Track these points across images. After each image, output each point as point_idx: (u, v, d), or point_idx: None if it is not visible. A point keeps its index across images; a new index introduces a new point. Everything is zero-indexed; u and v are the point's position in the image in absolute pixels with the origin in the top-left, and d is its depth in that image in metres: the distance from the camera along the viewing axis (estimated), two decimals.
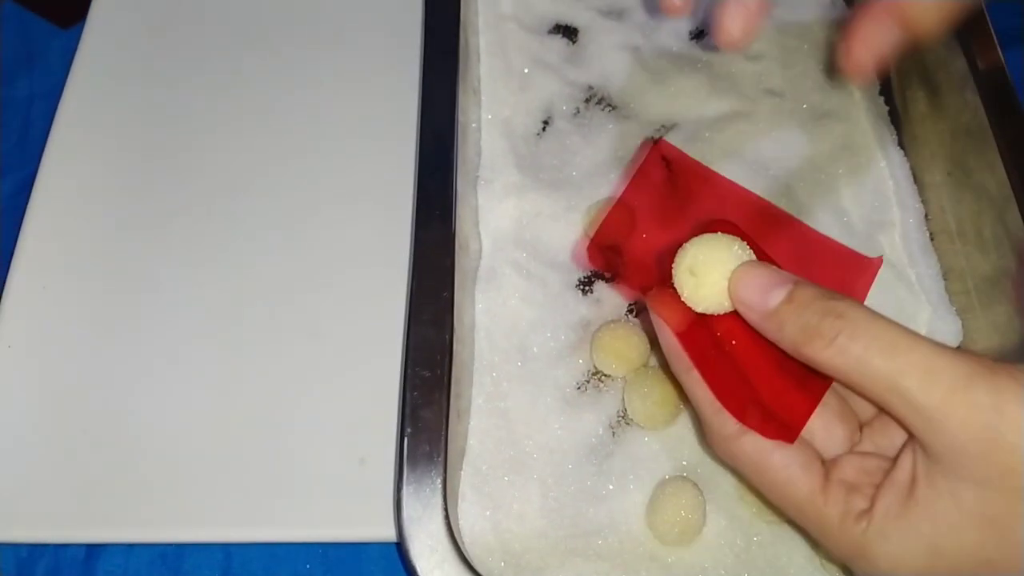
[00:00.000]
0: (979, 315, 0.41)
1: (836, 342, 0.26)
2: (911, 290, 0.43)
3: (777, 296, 0.28)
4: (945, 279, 0.43)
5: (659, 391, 0.39)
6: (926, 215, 0.45)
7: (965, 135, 0.42)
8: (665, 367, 0.39)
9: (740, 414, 0.30)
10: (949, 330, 0.42)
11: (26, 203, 0.47)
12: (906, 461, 0.27)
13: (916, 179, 0.46)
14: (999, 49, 0.42)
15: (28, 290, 0.45)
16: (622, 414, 0.40)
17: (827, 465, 0.29)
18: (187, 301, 0.45)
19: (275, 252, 0.46)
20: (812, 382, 0.30)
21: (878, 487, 0.28)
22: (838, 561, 0.30)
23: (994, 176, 0.40)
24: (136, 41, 0.53)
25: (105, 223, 0.47)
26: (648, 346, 0.41)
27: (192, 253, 0.46)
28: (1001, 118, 0.40)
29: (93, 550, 0.41)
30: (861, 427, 0.31)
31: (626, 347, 0.40)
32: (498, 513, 0.38)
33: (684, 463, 0.39)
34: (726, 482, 0.38)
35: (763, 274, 0.29)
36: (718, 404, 0.30)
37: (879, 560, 0.27)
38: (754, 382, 0.31)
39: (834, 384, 0.30)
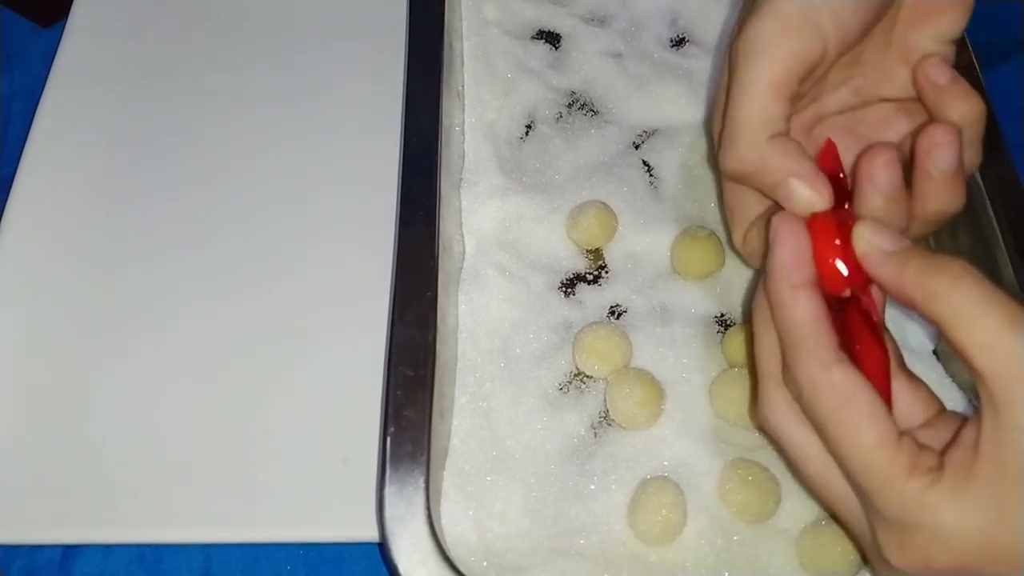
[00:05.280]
0: None
1: (965, 279, 0.27)
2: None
3: (905, 241, 0.30)
4: None
5: (641, 392, 0.39)
6: None
7: None
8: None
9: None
10: (924, 333, 0.43)
11: (5, 202, 0.47)
12: (971, 428, 0.28)
13: None
14: (973, 57, 0.43)
15: (7, 288, 0.45)
16: (604, 414, 0.41)
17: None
18: (168, 300, 0.45)
19: (258, 252, 0.46)
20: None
21: (945, 448, 0.28)
22: (892, 517, 0.29)
23: (969, 181, 0.41)
24: (117, 41, 0.53)
25: (85, 222, 0.47)
26: (630, 347, 0.41)
27: (173, 253, 0.46)
28: None
29: (69, 551, 0.41)
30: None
31: (608, 348, 0.40)
32: (480, 512, 0.38)
33: (665, 463, 0.39)
34: (707, 482, 0.39)
35: (890, 229, 0.30)
36: (820, 327, 0.30)
37: (944, 516, 0.27)
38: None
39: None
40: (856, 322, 0.31)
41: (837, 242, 0.31)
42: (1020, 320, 0.26)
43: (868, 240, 0.30)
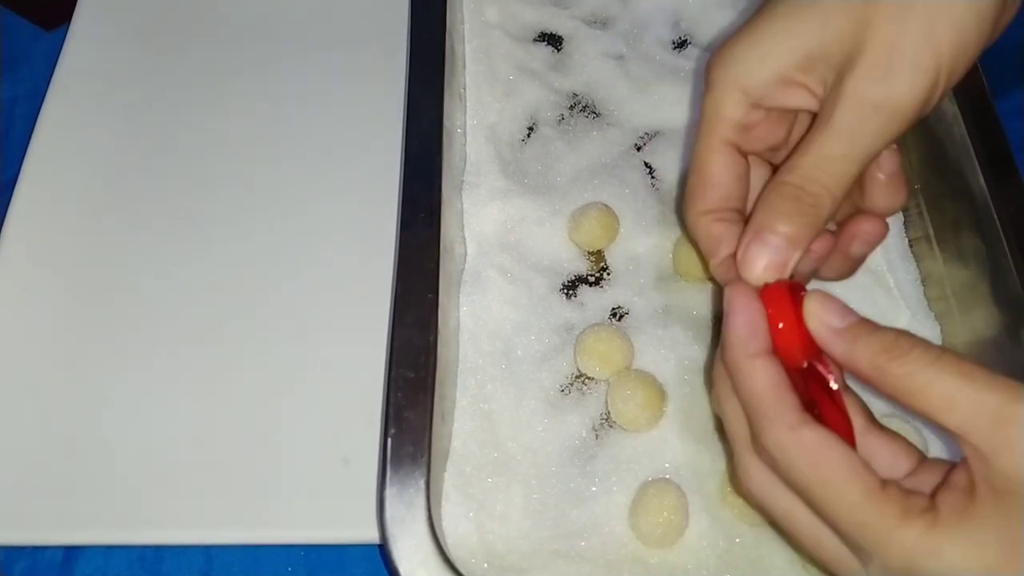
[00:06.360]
0: (957, 320, 0.42)
1: (913, 352, 0.27)
2: (890, 296, 0.44)
3: (852, 317, 0.29)
4: (924, 285, 0.44)
5: (642, 394, 0.39)
6: (905, 222, 0.45)
7: (945, 143, 0.43)
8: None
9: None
10: (927, 335, 0.42)
11: (7, 206, 0.47)
12: (961, 471, 0.27)
13: None
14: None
15: (9, 291, 0.45)
16: (605, 416, 0.41)
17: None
18: (169, 302, 0.45)
19: (259, 254, 0.46)
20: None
21: (935, 491, 0.28)
22: (895, 567, 0.28)
23: (972, 184, 0.41)
24: (120, 44, 0.53)
25: (86, 225, 0.47)
26: (632, 349, 0.41)
27: (174, 255, 0.46)
28: (980, 127, 0.41)
29: (71, 552, 0.41)
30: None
31: (610, 350, 0.40)
32: (481, 514, 0.38)
33: (667, 465, 0.39)
34: (709, 484, 0.39)
35: (838, 302, 0.30)
36: (781, 391, 0.30)
37: (950, 557, 0.26)
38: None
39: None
40: (816, 389, 0.31)
41: (789, 315, 0.30)
42: (973, 372, 0.26)
43: (817, 316, 0.30)
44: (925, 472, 0.30)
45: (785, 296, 0.31)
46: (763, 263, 0.31)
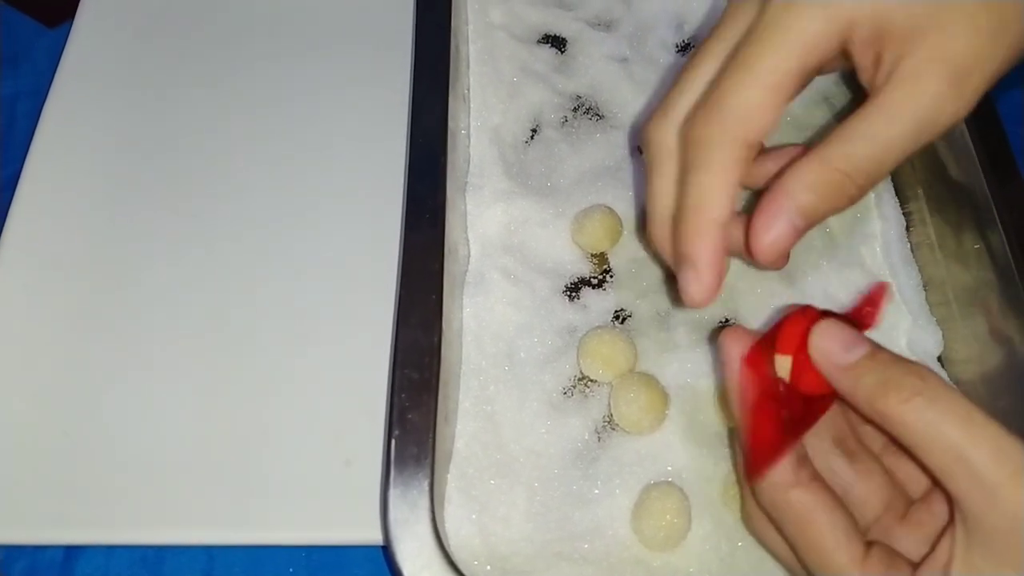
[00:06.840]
0: (959, 325, 0.42)
1: (914, 401, 0.27)
2: (892, 300, 0.44)
3: (858, 351, 0.29)
4: (926, 289, 0.44)
5: (645, 396, 0.39)
6: (907, 226, 0.45)
7: (947, 147, 0.43)
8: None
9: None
10: (929, 340, 0.42)
11: (9, 202, 0.47)
12: (945, 544, 0.27)
13: (898, 191, 0.46)
14: None
15: (10, 289, 0.45)
16: (608, 419, 0.41)
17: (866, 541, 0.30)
18: (171, 302, 0.45)
19: (262, 254, 0.46)
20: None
21: (916, 567, 0.28)
22: None
23: (975, 188, 0.41)
24: (123, 41, 0.53)
25: (88, 223, 0.47)
26: (635, 351, 0.41)
27: (176, 254, 0.46)
28: (982, 130, 0.41)
29: (72, 552, 0.41)
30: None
31: (613, 352, 0.40)
32: (484, 516, 0.38)
33: (670, 468, 0.39)
34: (711, 487, 0.39)
35: (846, 330, 0.29)
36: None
37: None
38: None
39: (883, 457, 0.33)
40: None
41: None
42: (979, 435, 0.26)
43: (821, 349, 0.29)
44: (934, 500, 0.31)
45: (807, 330, 0.30)
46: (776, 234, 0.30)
